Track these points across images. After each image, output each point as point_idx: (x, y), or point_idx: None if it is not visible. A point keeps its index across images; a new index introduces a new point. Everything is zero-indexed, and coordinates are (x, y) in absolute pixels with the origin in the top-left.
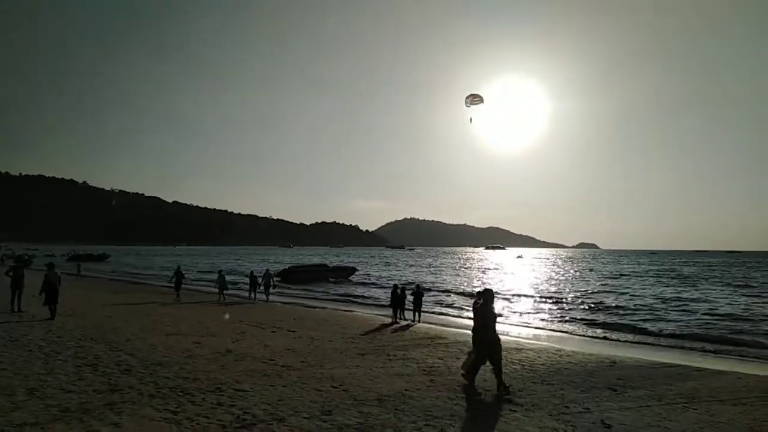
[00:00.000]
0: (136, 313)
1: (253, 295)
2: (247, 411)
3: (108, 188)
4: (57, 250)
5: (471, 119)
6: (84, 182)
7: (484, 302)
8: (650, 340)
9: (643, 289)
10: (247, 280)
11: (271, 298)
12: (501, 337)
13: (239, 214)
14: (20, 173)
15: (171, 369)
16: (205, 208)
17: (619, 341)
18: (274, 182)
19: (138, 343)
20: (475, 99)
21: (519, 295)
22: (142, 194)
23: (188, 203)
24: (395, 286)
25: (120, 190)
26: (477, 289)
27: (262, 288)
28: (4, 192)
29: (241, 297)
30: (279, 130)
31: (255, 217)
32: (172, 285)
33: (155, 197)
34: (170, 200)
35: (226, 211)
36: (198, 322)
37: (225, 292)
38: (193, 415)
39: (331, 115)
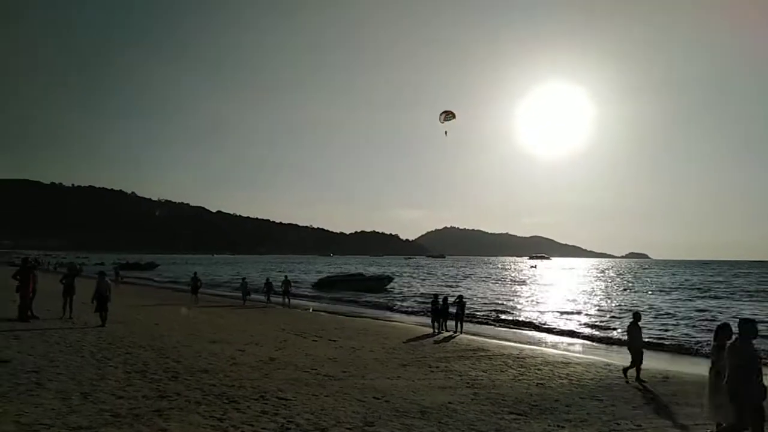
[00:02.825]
0: (181, 321)
1: (267, 298)
2: (291, 420)
3: (155, 198)
4: (106, 258)
5: (446, 133)
6: (132, 193)
7: (741, 338)
8: (705, 354)
9: (691, 301)
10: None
11: (312, 305)
12: (545, 350)
13: (280, 223)
14: (72, 184)
15: (216, 376)
16: (248, 217)
17: (671, 355)
18: (314, 191)
19: (184, 350)
20: (448, 116)
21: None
22: (187, 204)
23: (231, 213)
24: (436, 296)
25: (166, 200)
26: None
27: (280, 293)
28: (57, 203)
29: (262, 302)
30: (320, 139)
31: (296, 226)
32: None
33: (200, 207)
34: (214, 210)
35: (267, 220)
36: (243, 330)
37: (248, 297)
38: (239, 423)
39: (371, 123)
